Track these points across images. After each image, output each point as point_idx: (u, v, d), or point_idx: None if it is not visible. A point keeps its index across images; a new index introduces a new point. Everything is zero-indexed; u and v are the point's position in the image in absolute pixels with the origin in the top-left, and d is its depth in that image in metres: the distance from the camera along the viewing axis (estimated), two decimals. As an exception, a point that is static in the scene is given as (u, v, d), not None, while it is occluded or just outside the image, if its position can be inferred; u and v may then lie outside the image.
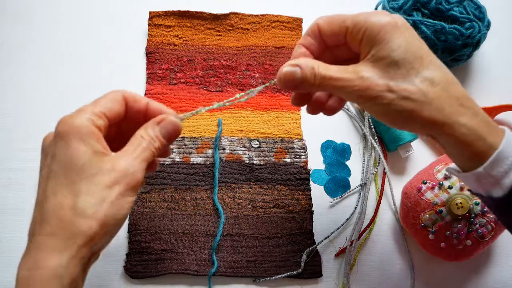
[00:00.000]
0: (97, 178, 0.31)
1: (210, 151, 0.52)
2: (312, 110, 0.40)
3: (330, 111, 0.40)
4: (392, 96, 0.33)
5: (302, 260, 0.47)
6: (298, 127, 0.54)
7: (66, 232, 0.30)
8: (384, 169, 0.52)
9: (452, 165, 0.37)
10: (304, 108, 0.55)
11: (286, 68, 0.34)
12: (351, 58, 0.36)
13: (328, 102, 0.39)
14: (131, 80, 0.55)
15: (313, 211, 0.50)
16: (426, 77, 0.33)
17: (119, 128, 0.36)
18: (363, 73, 0.33)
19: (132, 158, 0.33)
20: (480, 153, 0.32)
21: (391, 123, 0.35)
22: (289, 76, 0.34)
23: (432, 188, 0.46)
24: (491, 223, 0.45)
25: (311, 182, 0.52)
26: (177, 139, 0.52)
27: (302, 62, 0.34)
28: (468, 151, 0.33)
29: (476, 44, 0.54)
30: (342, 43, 0.37)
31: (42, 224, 0.31)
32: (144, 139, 0.34)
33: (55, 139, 0.32)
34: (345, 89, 0.33)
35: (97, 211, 0.31)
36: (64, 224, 0.30)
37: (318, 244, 0.48)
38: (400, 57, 0.33)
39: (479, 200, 0.45)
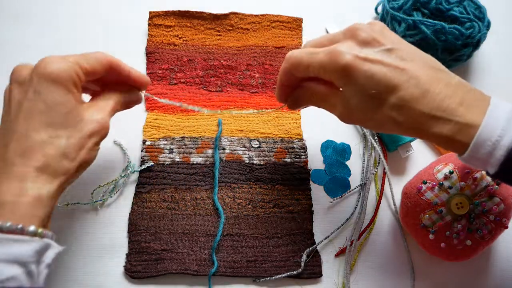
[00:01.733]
0: (80, 126, 0.36)
1: (210, 151, 0.52)
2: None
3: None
4: (370, 125, 0.37)
5: (302, 260, 0.47)
6: (298, 127, 0.54)
7: (51, 169, 0.34)
8: (384, 169, 0.52)
9: None
10: (304, 108, 0.55)
11: (290, 103, 0.43)
12: None
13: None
14: (131, 80, 0.55)
15: (313, 211, 0.50)
16: (393, 104, 0.34)
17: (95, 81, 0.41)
18: (339, 109, 0.38)
19: (106, 113, 0.39)
20: (460, 146, 0.34)
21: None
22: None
23: (432, 188, 0.46)
24: (491, 223, 0.45)
25: (311, 182, 0.52)
26: (177, 139, 0.52)
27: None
28: (449, 148, 0.35)
29: (476, 44, 0.54)
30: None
31: (26, 156, 0.34)
32: (111, 101, 0.40)
33: (38, 77, 0.35)
34: (332, 112, 0.40)
35: (78, 155, 0.36)
36: (50, 161, 0.34)
37: (318, 244, 0.48)
38: (366, 95, 0.35)
39: (479, 200, 0.45)
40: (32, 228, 0.33)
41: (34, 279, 0.32)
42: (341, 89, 0.37)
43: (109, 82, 0.41)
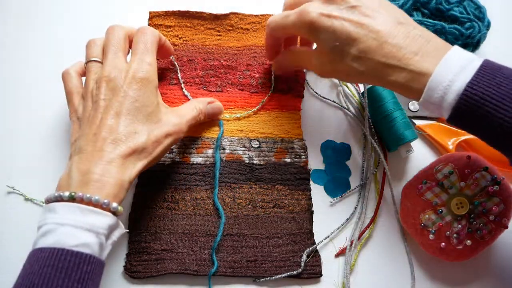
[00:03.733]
0: (160, 126, 0.43)
1: (210, 151, 0.52)
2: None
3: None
4: (340, 75, 0.44)
5: (302, 260, 0.47)
6: (298, 127, 0.54)
7: (133, 159, 0.40)
8: (384, 169, 0.52)
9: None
10: (304, 108, 0.55)
11: (274, 66, 0.53)
12: None
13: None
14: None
15: (313, 211, 0.50)
16: (354, 55, 0.39)
17: None
18: (314, 63, 0.44)
19: (184, 120, 0.45)
20: (415, 92, 0.38)
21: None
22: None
23: (432, 188, 0.46)
24: (491, 223, 0.45)
25: (311, 182, 0.52)
26: (177, 139, 0.52)
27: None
28: (407, 95, 0.39)
29: (476, 44, 0.54)
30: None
31: (114, 145, 0.39)
32: (196, 110, 0.48)
33: (131, 80, 0.42)
34: (310, 69, 0.50)
35: (154, 151, 0.42)
36: (134, 150, 0.40)
37: (318, 244, 0.48)
38: (331, 47, 0.40)
39: (479, 200, 0.45)
40: (114, 205, 0.38)
41: (102, 252, 0.37)
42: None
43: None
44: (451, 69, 0.36)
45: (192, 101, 0.49)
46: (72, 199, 0.36)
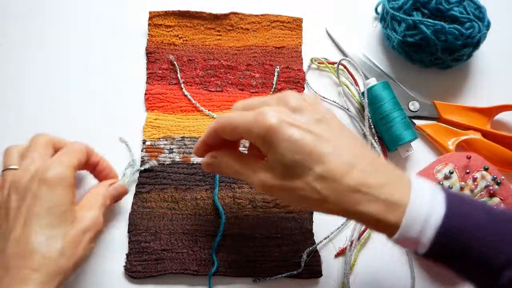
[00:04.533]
0: (75, 224, 0.39)
1: (210, 151, 0.52)
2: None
3: None
4: (291, 196, 0.35)
5: (302, 260, 0.47)
6: (298, 127, 0.54)
7: (48, 269, 0.36)
8: (384, 169, 0.52)
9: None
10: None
11: (207, 159, 0.41)
12: None
13: None
14: (131, 80, 0.55)
15: (313, 211, 0.50)
16: (318, 174, 0.33)
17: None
18: (261, 176, 0.36)
19: (95, 210, 0.41)
20: (389, 226, 0.33)
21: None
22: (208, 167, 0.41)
23: (432, 188, 0.46)
24: (491, 223, 0.44)
25: (311, 182, 0.52)
26: (177, 139, 0.52)
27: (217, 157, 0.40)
28: (378, 229, 0.34)
29: (476, 44, 0.54)
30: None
31: (24, 259, 0.35)
32: (100, 196, 0.43)
33: (39, 183, 0.37)
34: (250, 182, 0.37)
35: (74, 253, 0.38)
36: (48, 262, 0.36)
37: (318, 244, 0.48)
38: (290, 160, 0.33)
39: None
40: None
41: None
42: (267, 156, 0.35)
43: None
44: (424, 200, 0.32)
45: (93, 188, 0.44)
46: None
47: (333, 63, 0.57)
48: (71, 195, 0.39)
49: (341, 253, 0.49)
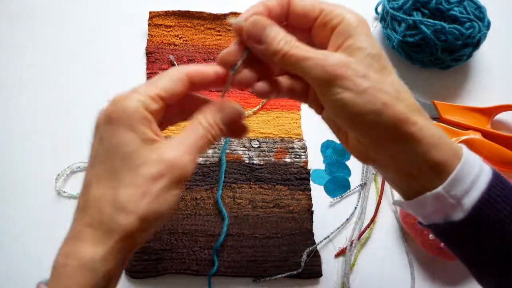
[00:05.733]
0: (142, 170, 0.29)
1: (210, 151, 0.52)
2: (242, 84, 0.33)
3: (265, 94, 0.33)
4: (367, 84, 0.29)
5: (302, 260, 0.47)
6: (298, 127, 0.54)
7: (104, 226, 0.29)
8: (384, 169, 0.52)
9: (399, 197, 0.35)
10: (304, 108, 0.55)
11: (256, 19, 0.31)
12: None
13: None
14: (131, 80, 0.55)
15: (313, 211, 0.50)
16: (396, 78, 0.31)
17: (183, 106, 0.34)
18: (340, 57, 0.30)
19: (183, 148, 0.31)
20: (441, 165, 0.30)
21: (355, 118, 0.30)
22: (258, 31, 0.31)
23: (432, 188, 0.46)
24: (491, 223, 0.44)
25: (311, 182, 0.52)
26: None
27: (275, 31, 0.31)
28: (429, 162, 0.30)
29: (476, 44, 0.54)
30: (305, 28, 0.33)
31: (84, 212, 0.30)
32: (202, 126, 0.32)
33: (104, 121, 0.30)
34: (315, 67, 0.30)
35: (138, 206, 0.29)
36: (103, 217, 0.29)
37: (318, 244, 0.48)
38: (377, 52, 0.30)
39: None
40: None
41: None
42: None
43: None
44: (476, 162, 0.31)
45: (195, 115, 0.32)
46: None
47: (333, 63, 0.57)
48: (141, 132, 0.30)
49: (341, 253, 0.49)
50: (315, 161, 0.53)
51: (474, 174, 0.30)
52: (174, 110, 0.33)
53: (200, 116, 0.32)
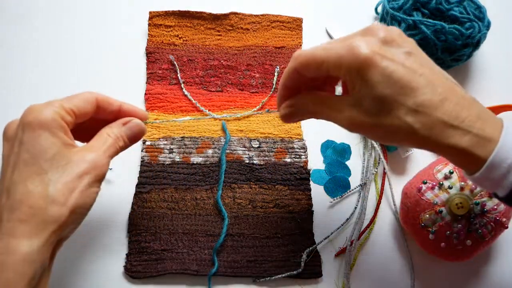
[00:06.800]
0: (68, 168, 0.34)
1: (210, 151, 0.52)
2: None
3: None
4: (380, 132, 0.34)
5: (302, 260, 0.47)
6: (298, 127, 0.54)
7: (37, 219, 0.32)
8: (384, 169, 0.52)
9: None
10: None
11: (283, 110, 0.39)
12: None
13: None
14: (131, 80, 0.55)
15: (313, 211, 0.50)
16: (410, 108, 0.32)
17: (86, 125, 0.39)
18: (347, 113, 0.35)
19: (99, 152, 0.36)
20: (475, 161, 0.33)
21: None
22: (287, 117, 0.39)
23: (432, 188, 0.46)
24: (491, 223, 0.45)
25: (311, 182, 0.52)
26: (177, 139, 0.52)
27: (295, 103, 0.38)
28: (462, 163, 0.34)
29: (476, 44, 0.54)
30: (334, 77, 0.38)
31: (12, 210, 0.32)
32: (110, 137, 0.38)
33: (22, 127, 0.34)
34: (335, 121, 0.36)
35: (68, 199, 0.33)
36: (36, 211, 0.32)
37: (318, 244, 0.48)
38: (382, 94, 0.32)
39: (479, 200, 0.45)
40: None
41: None
42: (353, 90, 0.34)
43: (106, 121, 0.40)
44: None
45: (104, 129, 0.38)
46: None
47: (333, 63, 0.57)
48: (61, 137, 0.35)
49: (341, 253, 0.49)
50: (315, 161, 0.53)
51: None
52: (82, 127, 0.38)
53: (107, 129, 0.38)
